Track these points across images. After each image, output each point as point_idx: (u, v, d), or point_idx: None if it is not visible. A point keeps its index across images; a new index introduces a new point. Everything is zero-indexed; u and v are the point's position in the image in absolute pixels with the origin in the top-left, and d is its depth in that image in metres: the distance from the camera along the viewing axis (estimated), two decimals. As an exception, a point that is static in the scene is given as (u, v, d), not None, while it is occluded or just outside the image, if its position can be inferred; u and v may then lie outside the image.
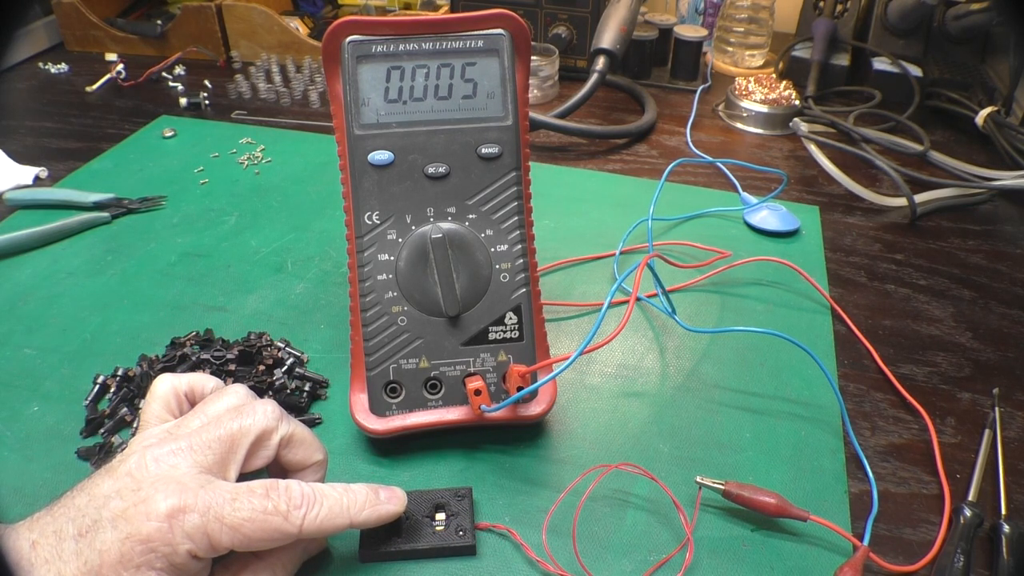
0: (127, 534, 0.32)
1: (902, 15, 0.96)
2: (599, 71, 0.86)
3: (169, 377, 0.41)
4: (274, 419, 0.38)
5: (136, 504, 0.33)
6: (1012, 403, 0.52)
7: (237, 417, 0.37)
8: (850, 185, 0.75)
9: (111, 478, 0.35)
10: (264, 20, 0.99)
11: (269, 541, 0.35)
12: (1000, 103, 0.89)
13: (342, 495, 0.37)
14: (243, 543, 0.34)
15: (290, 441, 0.38)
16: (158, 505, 0.33)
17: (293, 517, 0.35)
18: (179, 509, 0.33)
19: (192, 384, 0.41)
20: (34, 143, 0.82)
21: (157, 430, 0.37)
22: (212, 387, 0.42)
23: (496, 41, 0.45)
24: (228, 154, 0.79)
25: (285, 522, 0.34)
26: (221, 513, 0.33)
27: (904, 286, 0.63)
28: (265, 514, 0.34)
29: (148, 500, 0.33)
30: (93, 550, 0.32)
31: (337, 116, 0.45)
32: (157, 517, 0.32)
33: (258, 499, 0.34)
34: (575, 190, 0.74)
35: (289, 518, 0.35)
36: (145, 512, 0.33)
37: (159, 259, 0.63)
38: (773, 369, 0.54)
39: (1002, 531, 0.42)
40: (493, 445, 0.47)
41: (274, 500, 0.35)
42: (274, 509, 0.34)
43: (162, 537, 0.32)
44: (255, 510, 0.34)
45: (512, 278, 0.45)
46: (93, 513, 0.33)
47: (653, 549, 0.41)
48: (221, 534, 0.33)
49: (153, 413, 0.39)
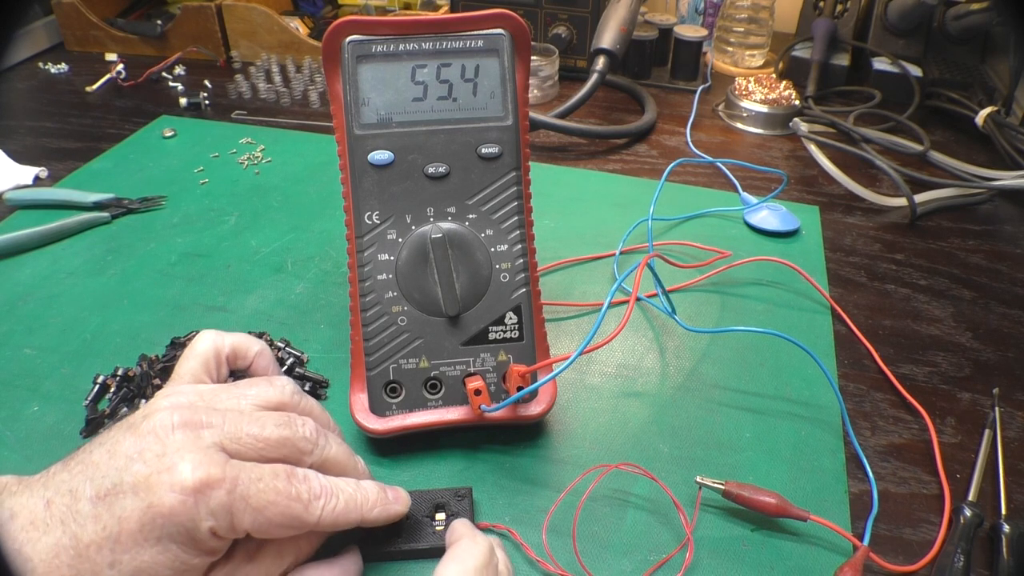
0: (149, 503, 0.31)
1: (902, 15, 0.96)
2: (599, 71, 0.86)
3: (212, 335, 0.39)
4: (311, 442, 0.36)
5: (160, 472, 0.31)
6: (1012, 403, 0.52)
7: (278, 426, 0.35)
8: (850, 185, 0.75)
9: (133, 435, 0.33)
10: (264, 20, 0.99)
11: (286, 528, 0.34)
12: (1000, 103, 0.89)
13: (355, 491, 0.36)
14: (262, 527, 0.33)
15: (323, 464, 0.36)
16: (184, 476, 0.31)
17: (313, 507, 0.34)
18: (205, 483, 0.31)
19: (236, 346, 0.39)
20: (34, 143, 0.82)
21: (188, 389, 0.36)
22: (257, 351, 0.40)
23: (496, 41, 0.45)
24: (228, 154, 0.79)
25: (305, 511, 0.34)
26: (247, 492, 0.32)
27: (904, 286, 0.63)
28: (288, 499, 0.33)
29: (173, 469, 0.31)
30: (112, 516, 0.31)
31: (337, 116, 0.45)
32: (183, 489, 0.31)
33: (282, 483, 0.33)
34: (575, 190, 0.74)
35: (309, 508, 0.34)
36: (170, 482, 0.31)
37: (159, 259, 0.63)
38: (773, 369, 0.54)
39: (1002, 531, 0.42)
40: (493, 445, 0.47)
41: (296, 487, 0.34)
42: (296, 496, 0.33)
43: (186, 512, 0.31)
44: (279, 494, 0.33)
45: (512, 278, 0.45)
46: (114, 475, 0.32)
47: (653, 549, 0.41)
48: (244, 514, 0.32)
49: (188, 369, 0.38)
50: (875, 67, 0.97)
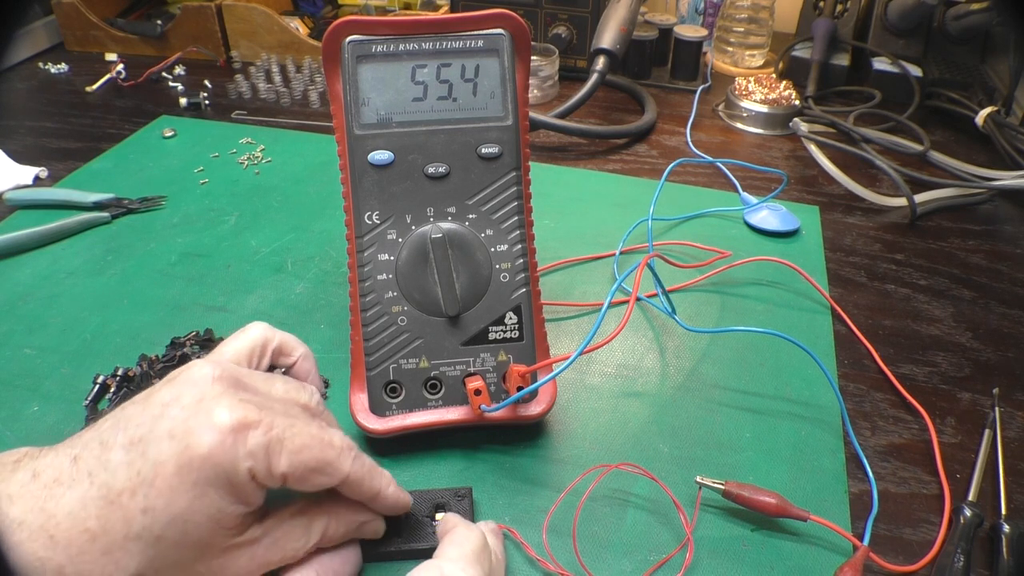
0: (187, 445, 0.30)
1: (902, 15, 0.96)
2: (599, 71, 0.86)
3: (264, 326, 0.39)
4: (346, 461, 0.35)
5: (197, 414, 0.31)
6: (1012, 403, 0.52)
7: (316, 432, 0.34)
8: (850, 185, 0.75)
9: (169, 385, 0.33)
10: (264, 20, 0.99)
11: (319, 475, 0.33)
12: (1000, 103, 0.89)
13: (374, 466, 0.37)
14: (297, 470, 0.32)
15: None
16: (222, 417, 0.31)
17: (344, 456, 0.34)
18: (243, 423, 0.31)
19: (284, 342, 0.40)
20: (34, 143, 0.82)
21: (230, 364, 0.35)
22: (302, 352, 0.41)
23: (496, 41, 0.45)
24: (228, 154, 0.79)
25: (337, 458, 0.34)
26: (283, 435, 0.32)
27: (904, 286, 0.63)
28: (322, 444, 0.33)
29: (211, 412, 0.31)
30: (147, 461, 0.30)
31: (337, 116, 0.45)
32: (221, 429, 0.31)
33: (315, 429, 0.34)
34: (575, 190, 0.74)
35: (341, 456, 0.34)
36: (208, 423, 0.31)
37: (159, 259, 0.63)
38: (773, 369, 0.54)
39: (1002, 531, 0.42)
40: (493, 445, 0.47)
41: (328, 435, 0.34)
42: (329, 442, 0.34)
43: (224, 452, 0.30)
44: (313, 437, 0.33)
45: (512, 278, 0.45)
46: (148, 423, 0.31)
47: (653, 549, 0.41)
48: (280, 456, 0.32)
49: (233, 349, 0.38)
50: (875, 67, 0.97)
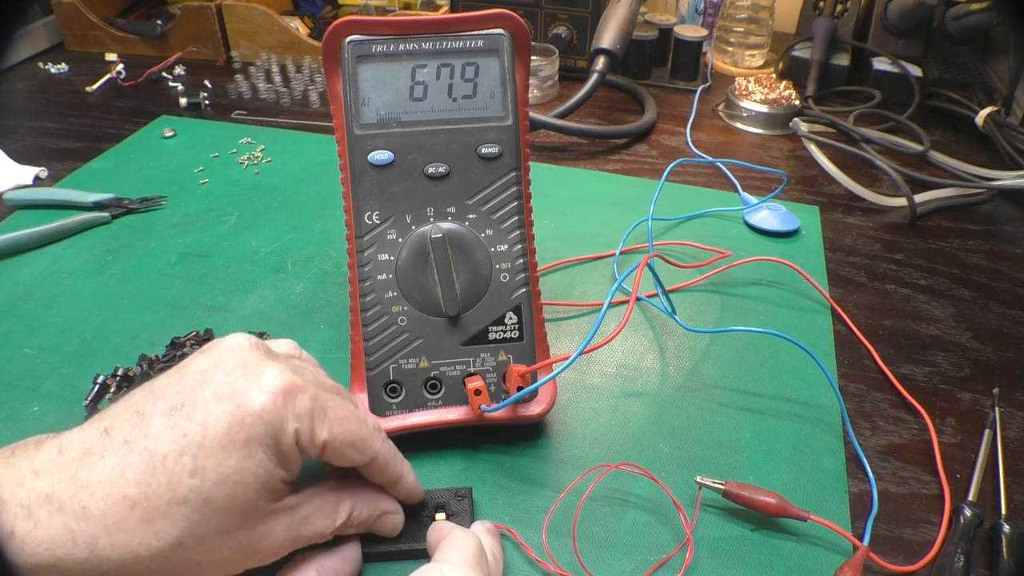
0: (238, 404, 0.30)
1: (902, 15, 0.96)
2: (599, 71, 0.86)
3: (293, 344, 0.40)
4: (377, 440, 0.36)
5: (247, 376, 0.31)
6: (1012, 403, 0.52)
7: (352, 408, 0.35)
8: (850, 185, 0.75)
9: (203, 356, 0.33)
10: (264, 20, 0.99)
11: (353, 449, 0.34)
12: (1000, 103, 0.89)
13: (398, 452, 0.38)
14: (335, 441, 0.33)
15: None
16: (273, 378, 0.31)
17: (376, 436, 0.36)
18: (292, 386, 0.32)
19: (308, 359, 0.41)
20: (34, 143, 0.82)
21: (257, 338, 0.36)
22: None
23: (496, 41, 0.45)
24: (228, 154, 0.79)
25: (370, 436, 0.35)
26: (325, 404, 0.33)
27: (904, 286, 0.63)
28: (358, 421, 0.35)
29: (261, 374, 0.31)
30: (194, 423, 0.30)
31: (337, 116, 0.45)
32: (272, 390, 0.31)
33: (352, 405, 0.35)
34: (575, 190, 0.74)
35: (373, 435, 0.35)
36: (258, 384, 0.31)
37: (159, 259, 0.63)
38: (773, 369, 0.54)
39: (1002, 531, 0.42)
40: (493, 445, 0.47)
41: (363, 413, 0.35)
42: (364, 420, 0.35)
43: (276, 411, 0.31)
44: (351, 411, 0.34)
45: (512, 278, 0.45)
46: (188, 391, 0.31)
47: (653, 549, 0.41)
48: (323, 424, 0.33)
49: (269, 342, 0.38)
50: (875, 67, 0.97)
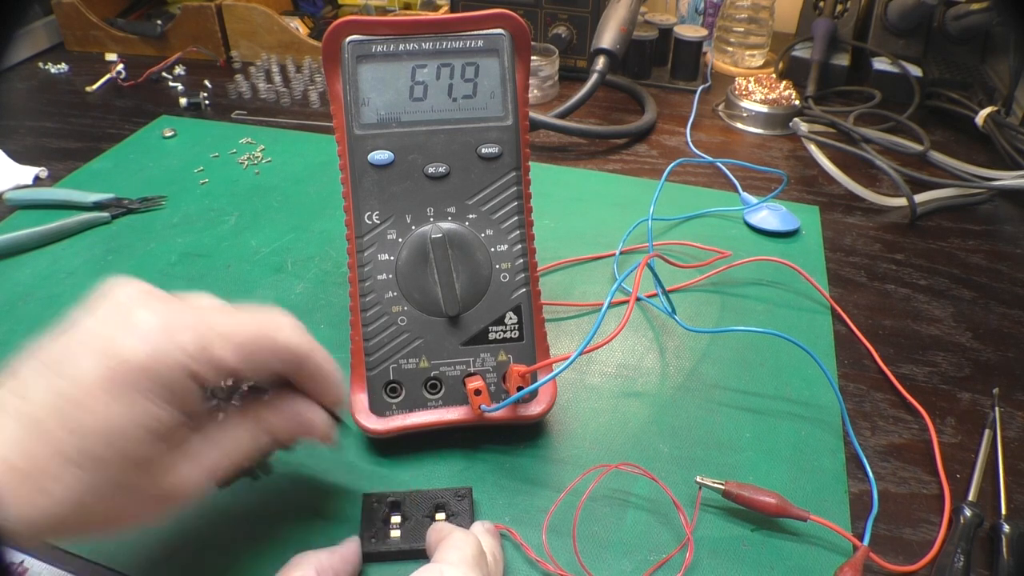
0: (106, 353, 0.28)
1: (902, 15, 0.96)
2: (599, 71, 0.86)
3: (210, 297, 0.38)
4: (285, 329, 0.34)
5: (117, 321, 0.29)
6: (1012, 403, 0.52)
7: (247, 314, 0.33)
8: (850, 185, 0.75)
9: (83, 310, 0.31)
10: (264, 20, 0.99)
11: (265, 351, 0.32)
12: (1000, 103, 0.89)
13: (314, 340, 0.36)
14: (241, 355, 0.31)
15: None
16: (146, 320, 0.29)
17: (286, 329, 0.33)
18: (167, 325, 0.29)
19: None
20: (34, 143, 0.82)
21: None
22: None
23: (496, 41, 0.45)
24: (228, 154, 0.79)
25: (278, 330, 0.33)
26: (212, 323, 0.31)
27: (904, 286, 0.63)
28: (255, 320, 0.32)
29: (130, 320, 0.29)
30: (66, 377, 0.28)
31: (337, 116, 0.45)
32: (147, 333, 0.29)
33: (245, 311, 0.33)
34: (575, 190, 0.74)
35: (283, 328, 0.33)
36: (128, 329, 0.29)
37: (159, 259, 0.63)
38: (773, 369, 0.54)
39: (1002, 531, 0.42)
40: (493, 445, 0.47)
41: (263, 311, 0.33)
42: (263, 318, 0.33)
43: (156, 354, 0.29)
44: (244, 317, 0.32)
45: (512, 278, 0.45)
46: (60, 345, 0.29)
47: (653, 549, 0.41)
48: (217, 343, 0.30)
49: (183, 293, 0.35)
50: (875, 67, 0.97)
